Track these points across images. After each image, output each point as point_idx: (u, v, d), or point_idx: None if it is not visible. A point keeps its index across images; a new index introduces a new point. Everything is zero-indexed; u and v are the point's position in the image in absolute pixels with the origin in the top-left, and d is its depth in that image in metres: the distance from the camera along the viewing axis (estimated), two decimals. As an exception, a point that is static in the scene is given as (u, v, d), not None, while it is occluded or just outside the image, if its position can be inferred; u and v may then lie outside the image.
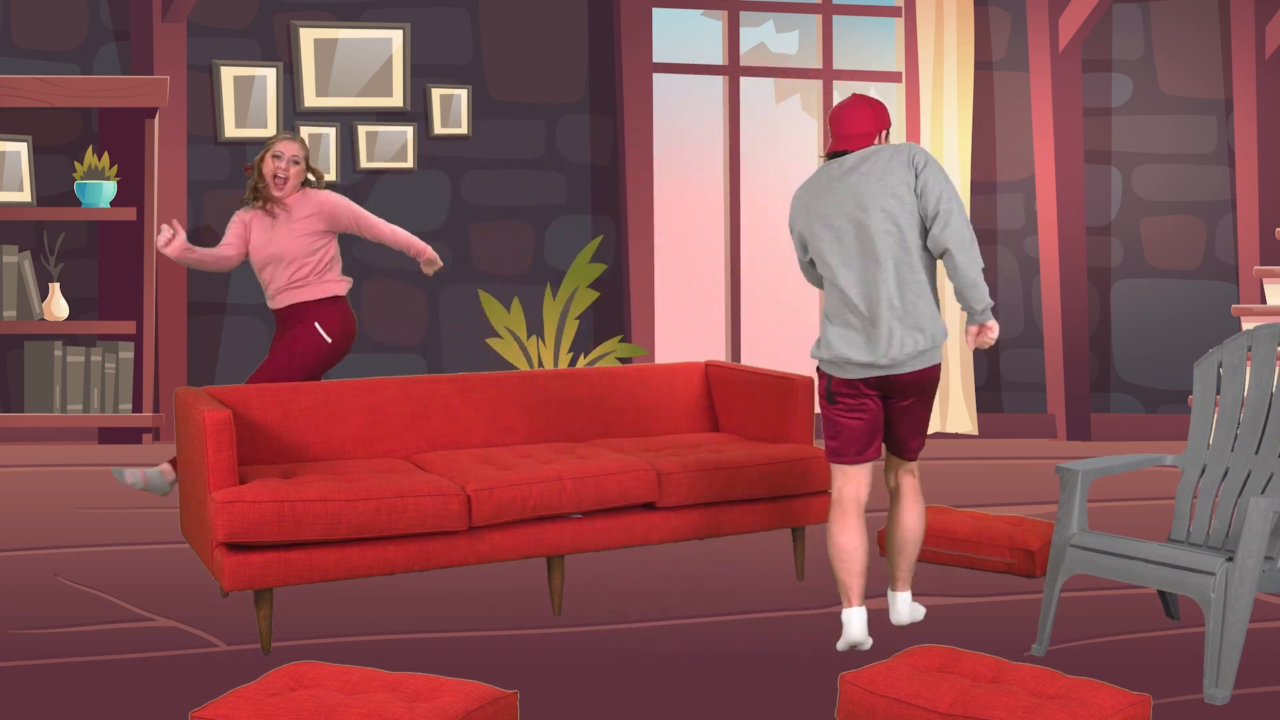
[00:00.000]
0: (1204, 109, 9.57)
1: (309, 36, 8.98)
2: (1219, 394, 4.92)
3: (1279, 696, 4.38)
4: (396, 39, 9.06)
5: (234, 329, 8.97)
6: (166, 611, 5.22)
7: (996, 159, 9.66)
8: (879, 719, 3.86)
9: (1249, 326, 7.00)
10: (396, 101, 9.09)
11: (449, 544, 4.94)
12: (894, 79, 9.64)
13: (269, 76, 8.94)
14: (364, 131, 9.04)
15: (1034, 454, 8.92)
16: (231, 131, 8.90)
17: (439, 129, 9.15)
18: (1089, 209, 9.64)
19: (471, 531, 4.98)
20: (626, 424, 6.00)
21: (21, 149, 8.66)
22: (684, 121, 9.55)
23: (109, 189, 8.53)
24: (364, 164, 9.07)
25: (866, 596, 5.39)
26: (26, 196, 8.66)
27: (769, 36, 9.70)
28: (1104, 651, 4.84)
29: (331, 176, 9.02)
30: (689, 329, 9.58)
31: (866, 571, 4.85)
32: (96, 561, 5.91)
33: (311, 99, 9.00)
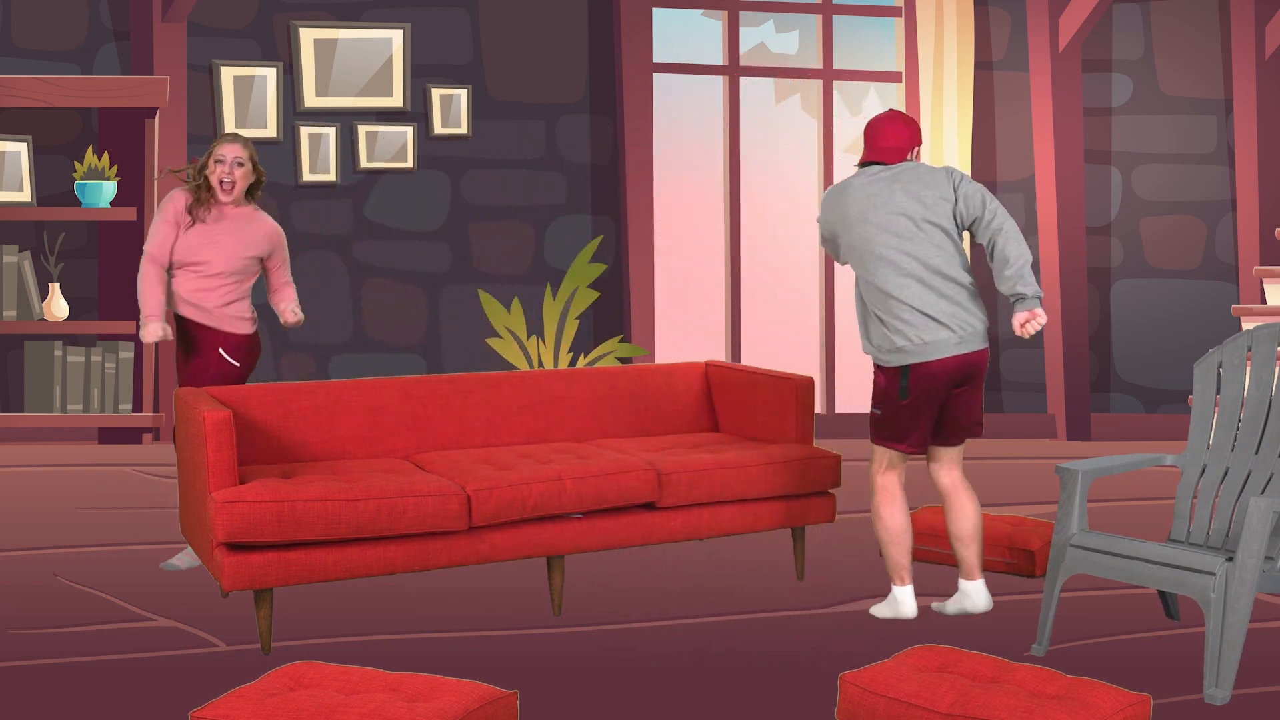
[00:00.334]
0: (1204, 109, 9.56)
1: (309, 36, 8.98)
2: (1219, 394, 4.92)
3: (1279, 696, 4.38)
4: (396, 39, 9.06)
5: (234, 329, 8.95)
6: (166, 611, 5.22)
7: (996, 159, 9.66)
8: (879, 719, 3.86)
9: (1249, 326, 7.00)
10: (396, 101, 9.09)
11: (449, 544, 4.94)
12: (894, 79, 9.64)
13: (269, 76, 8.94)
14: (364, 131, 9.04)
15: (1034, 454, 8.91)
16: (231, 131, 8.90)
17: (439, 129, 9.15)
18: (1089, 209, 9.63)
19: (471, 531, 4.98)
20: (626, 424, 6.00)
21: (21, 149, 8.66)
22: (684, 121, 9.55)
23: (109, 189, 8.53)
24: (364, 164, 9.07)
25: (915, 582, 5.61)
26: (26, 196, 8.66)
27: (769, 36, 9.70)
28: (1104, 651, 4.83)
29: (331, 177, 9.02)
30: (689, 329, 9.57)
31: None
32: (96, 561, 5.91)
33: (311, 99, 9.00)
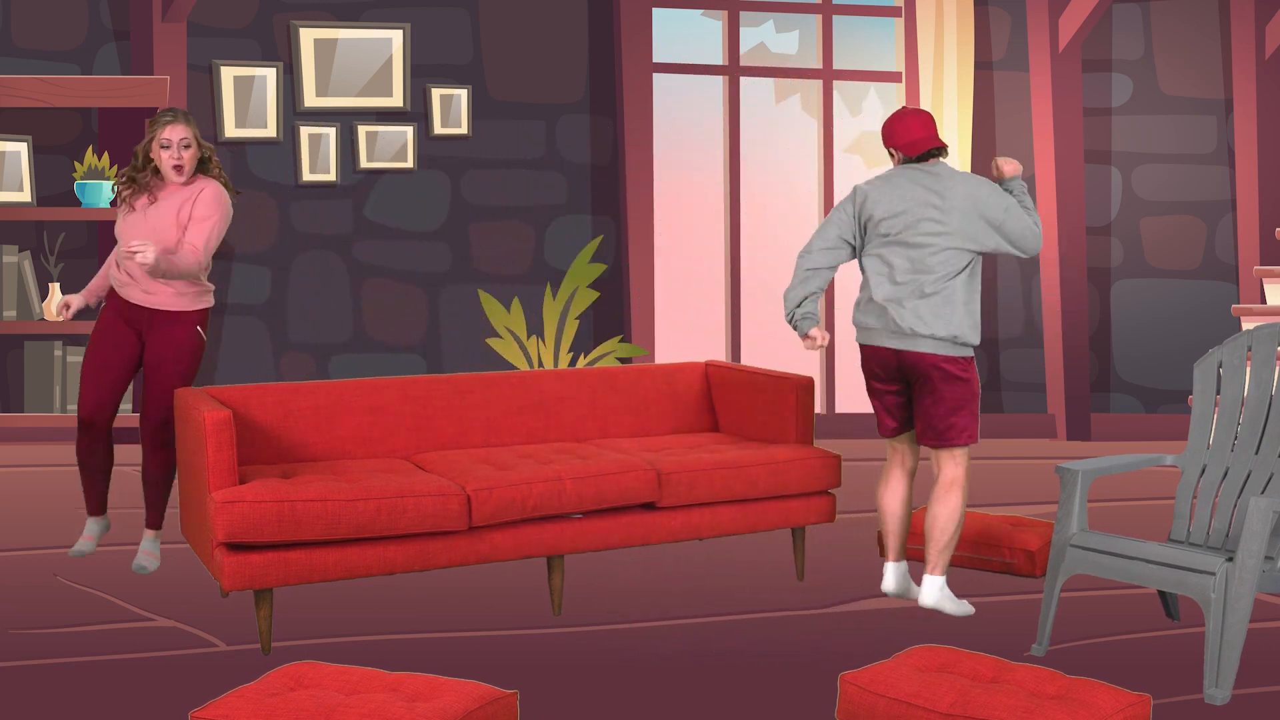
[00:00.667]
0: (1204, 109, 9.56)
1: (309, 36, 8.98)
2: (1219, 394, 4.92)
3: (1279, 696, 4.38)
4: (396, 39, 9.06)
5: (234, 329, 8.96)
6: (166, 611, 5.22)
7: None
8: (879, 719, 3.86)
9: (1249, 326, 7.00)
10: (396, 101, 9.09)
11: (449, 544, 4.94)
12: (894, 79, 9.63)
13: (269, 76, 8.93)
14: (364, 131, 9.04)
15: (1034, 454, 8.91)
16: (232, 131, 8.90)
17: (439, 129, 9.15)
18: (1089, 209, 9.63)
19: (471, 531, 4.98)
20: (626, 424, 6.00)
21: (21, 149, 8.65)
22: (684, 121, 9.55)
23: (109, 189, 8.53)
24: (364, 164, 9.06)
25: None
26: (26, 196, 8.66)
27: (769, 36, 9.70)
28: (1104, 651, 4.83)
29: (331, 177, 9.02)
30: (689, 329, 9.57)
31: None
32: (96, 561, 5.91)
33: (311, 99, 9.00)
